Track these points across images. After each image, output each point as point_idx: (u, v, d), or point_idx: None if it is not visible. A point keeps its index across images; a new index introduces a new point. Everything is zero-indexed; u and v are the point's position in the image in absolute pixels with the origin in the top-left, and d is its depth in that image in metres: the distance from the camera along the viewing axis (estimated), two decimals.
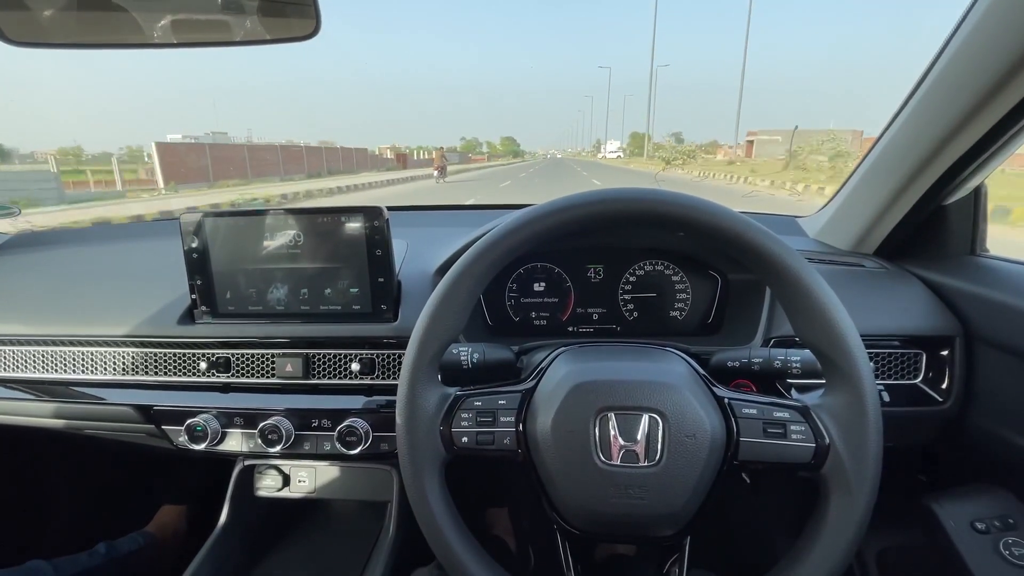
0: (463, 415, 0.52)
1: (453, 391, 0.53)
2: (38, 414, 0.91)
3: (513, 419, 0.52)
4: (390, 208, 0.78)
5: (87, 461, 1.35)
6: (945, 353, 0.77)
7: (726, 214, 0.50)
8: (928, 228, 0.85)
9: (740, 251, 0.50)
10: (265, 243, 0.79)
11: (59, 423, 0.90)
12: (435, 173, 17.61)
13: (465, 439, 0.51)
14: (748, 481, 0.76)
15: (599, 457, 0.49)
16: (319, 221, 0.78)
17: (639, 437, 0.49)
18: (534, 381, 0.55)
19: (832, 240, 0.98)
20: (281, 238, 0.79)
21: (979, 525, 0.68)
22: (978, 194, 0.80)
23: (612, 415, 0.49)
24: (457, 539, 0.50)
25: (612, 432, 0.49)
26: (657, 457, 0.48)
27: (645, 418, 0.49)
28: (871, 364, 0.49)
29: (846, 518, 0.47)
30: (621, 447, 0.49)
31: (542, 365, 0.57)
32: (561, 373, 0.53)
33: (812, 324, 0.49)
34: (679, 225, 0.51)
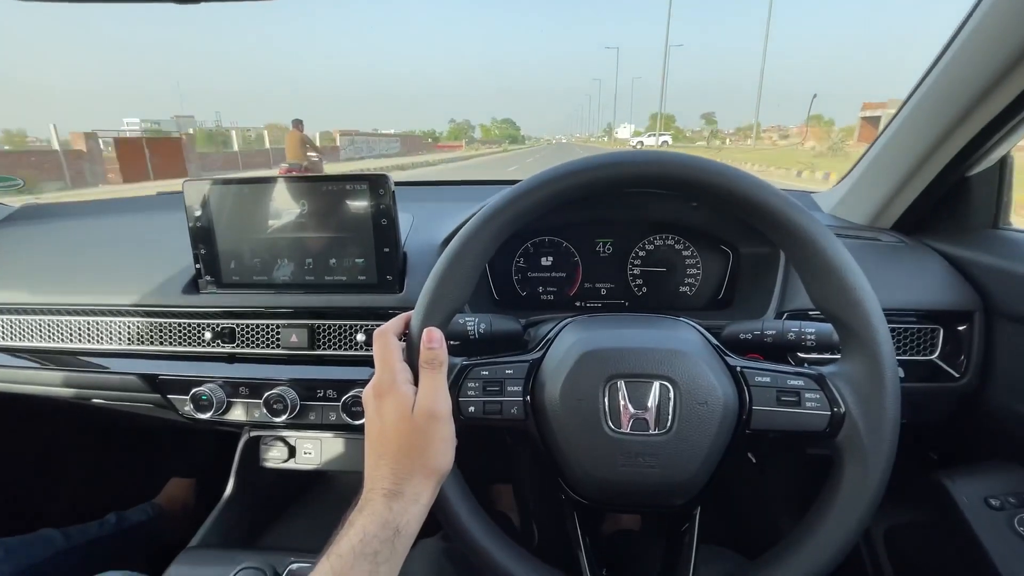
0: (470, 384, 0.51)
1: (459, 361, 0.52)
2: (46, 383, 0.91)
3: (520, 388, 0.51)
4: (396, 184, 0.77)
5: (97, 434, 1.36)
6: (963, 328, 0.75)
7: (743, 177, 0.48)
8: (949, 201, 0.83)
9: (756, 215, 0.49)
10: (270, 212, 0.78)
11: (67, 391, 0.91)
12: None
13: (472, 408, 0.50)
14: (755, 461, 0.75)
15: (608, 425, 0.48)
16: (324, 190, 0.76)
17: (649, 405, 0.47)
18: (542, 351, 0.54)
19: (848, 215, 0.95)
20: (286, 207, 0.77)
21: (993, 501, 0.68)
22: (1004, 165, 0.77)
23: (622, 383, 0.48)
24: (464, 508, 0.50)
25: (622, 400, 0.48)
26: (668, 425, 0.47)
27: (656, 385, 0.48)
28: (889, 330, 0.47)
29: (860, 488, 0.45)
30: (631, 415, 0.48)
31: (549, 335, 0.56)
32: (569, 342, 0.52)
33: (829, 289, 0.47)
34: (695, 189, 0.49)
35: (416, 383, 0.47)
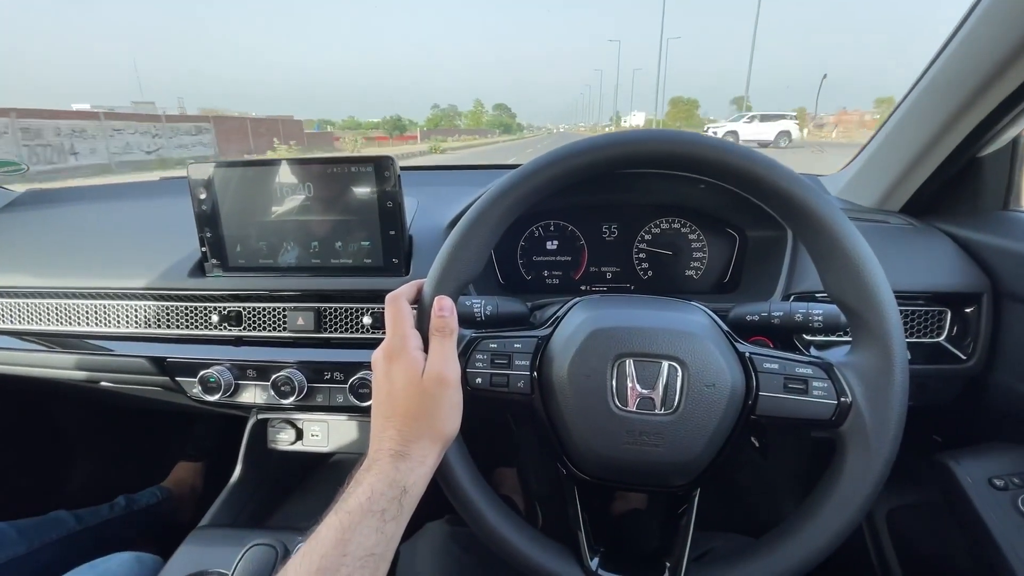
0: (478, 356, 0.51)
1: (468, 333, 0.53)
2: (55, 366, 0.92)
3: (528, 363, 0.51)
4: (401, 168, 0.76)
5: (107, 419, 1.38)
6: (971, 310, 0.75)
7: (762, 160, 0.47)
8: (959, 183, 0.82)
9: (772, 199, 0.48)
10: (275, 195, 0.78)
11: (76, 375, 0.91)
12: None
13: (479, 380, 0.51)
14: (757, 445, 0.75)
15: (615, 403, 0.48)
16: (329, 172, 0.76)
17: (657, 385, 0.48)
18: (550, 328, 0.54)
19: (856, 198, 0.95)
20: (291, 189, 0.77)
21: (997, 482, 0.68)
22: (1016, 146, 0.76)
23: (630, 361, 0.48)
24: (467, 476, 0.51)
25: (629, 379, 0.48)
26: (675, 405, 0.47)
27: (664, 365, 0.48)
28: (902, 322, 0.47)
29: (862, 476, 0.46)
30: (638, 394, 0.48)
31: (558, 314, 0.56)
32: (580, 319, 0.52)
33: (844, 278, 0.46)
34: (711, 170, 0.48)
35: (426, 350, 0.48)
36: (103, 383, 0.93)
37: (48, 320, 0.90)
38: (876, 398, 0.46)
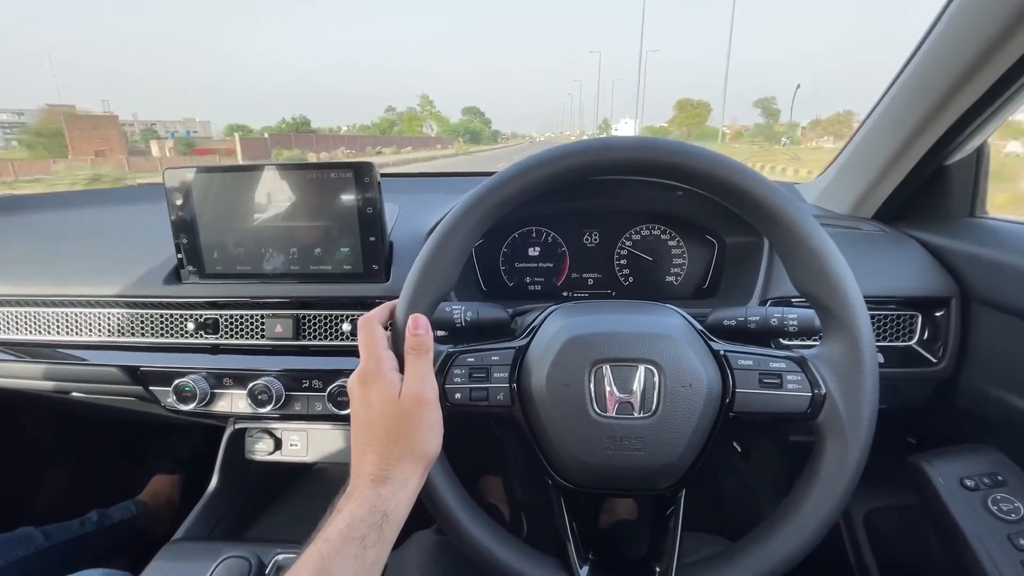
0: (456, 371, 0.51)
1: (445, 348, 0.52)
2: (23, 376, 0.89)
3: (506, 375, 0.51)
4: (381, 175, 0.76)
5: (79, 430, 1.34)
6: (940, 314, 0.77)
7: (728, 164, 0.49)
8: (928, 190, 0.84)
9: (740, 202, 0.49)
10: (253, 200, 0.77)
11: (45, 385, 0.89)
12: None
13: (458, 395, 0.50)
14: (740, 450, 0.76)
15: (594, 409, 0.48)
16: (308, 177, 0.76)
17: (634, 388, 0.48)
18: (528, 338, 0.54)
19: (830, 205, 0.97)
20: (270, 195, 0.76)
21: (968, 482, 0.69)
22: (980, 154, 0.79)
23: (607, 367, 0.48)
24: (451, 495, 0.50)
25: (607, 384, 0.48)
26: (653, 408, 0.47)
27: (641, 369, 0.48)
28: (868, 311, 0.48)
29: (840, 466, 0.46)
30: (616, 399, 0.48)
31: (535, 322, 0.56)
32: (555, 328, 0.52)
33: (810, 273, 0.48)
34: (678, 174, 0.49)
35: (402, 371, 0.47)
36: (74, 393, 0.91)
37: (16, 329, 0.87)
38: (848, 386, 0.47)
